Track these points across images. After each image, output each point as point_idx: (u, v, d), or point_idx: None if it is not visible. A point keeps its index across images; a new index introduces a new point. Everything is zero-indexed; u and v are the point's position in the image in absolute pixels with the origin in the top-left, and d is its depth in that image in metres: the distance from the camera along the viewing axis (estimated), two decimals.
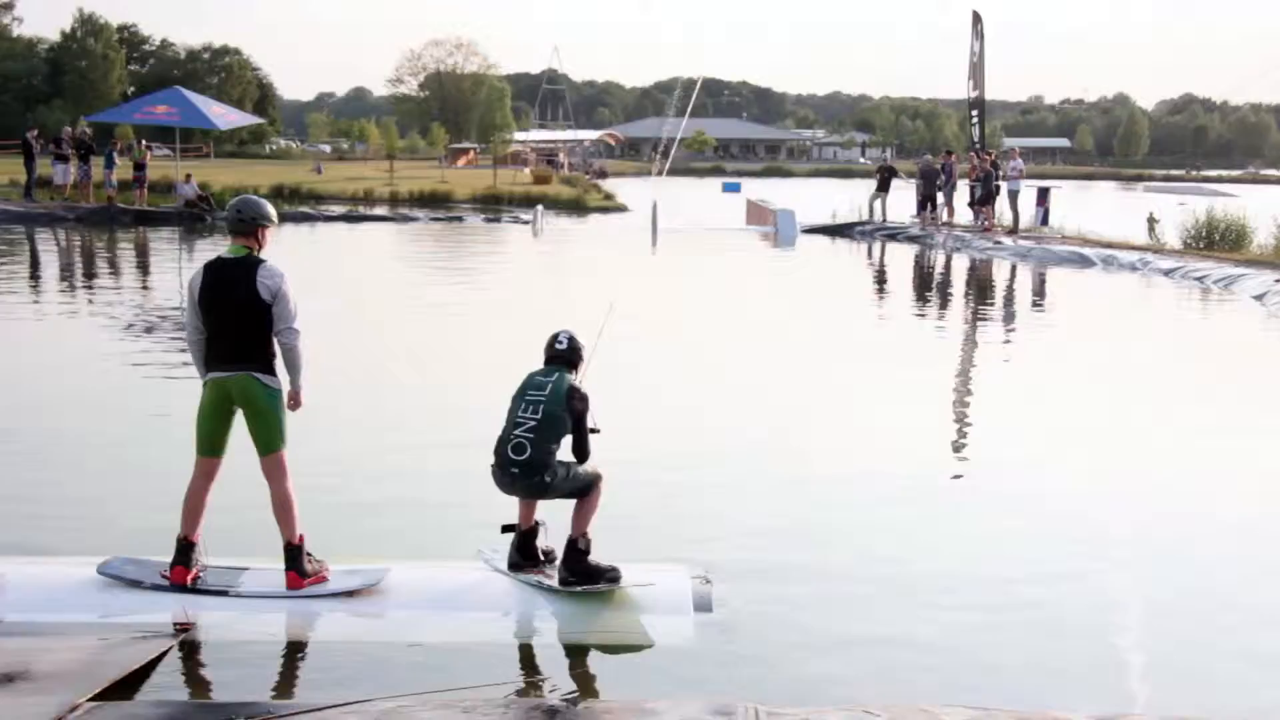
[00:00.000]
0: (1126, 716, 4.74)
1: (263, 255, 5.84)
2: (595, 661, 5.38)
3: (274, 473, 5.84)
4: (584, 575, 5.89)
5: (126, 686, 4.86)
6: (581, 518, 5.98)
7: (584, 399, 5.93)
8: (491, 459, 5.93)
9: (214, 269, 5.80)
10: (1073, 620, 5.98)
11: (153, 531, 6.37)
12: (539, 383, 5.99)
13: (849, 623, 5.88)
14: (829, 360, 13.43)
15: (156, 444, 8.85)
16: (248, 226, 5.83)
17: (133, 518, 7.18)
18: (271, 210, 5.97)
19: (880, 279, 24.04)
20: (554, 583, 5.93)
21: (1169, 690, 5.26)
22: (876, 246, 29.48)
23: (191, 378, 5.98)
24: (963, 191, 31.42)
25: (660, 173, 45.29)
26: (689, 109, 49.35)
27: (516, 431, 5.85)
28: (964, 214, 31.11)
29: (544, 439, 5.81)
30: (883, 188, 32.37)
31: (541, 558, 6.14)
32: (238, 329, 5.72)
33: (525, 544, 6.11)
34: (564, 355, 6.10)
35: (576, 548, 5.91)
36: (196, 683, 5.18)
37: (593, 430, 5.97)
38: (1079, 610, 6.11)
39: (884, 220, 31.91)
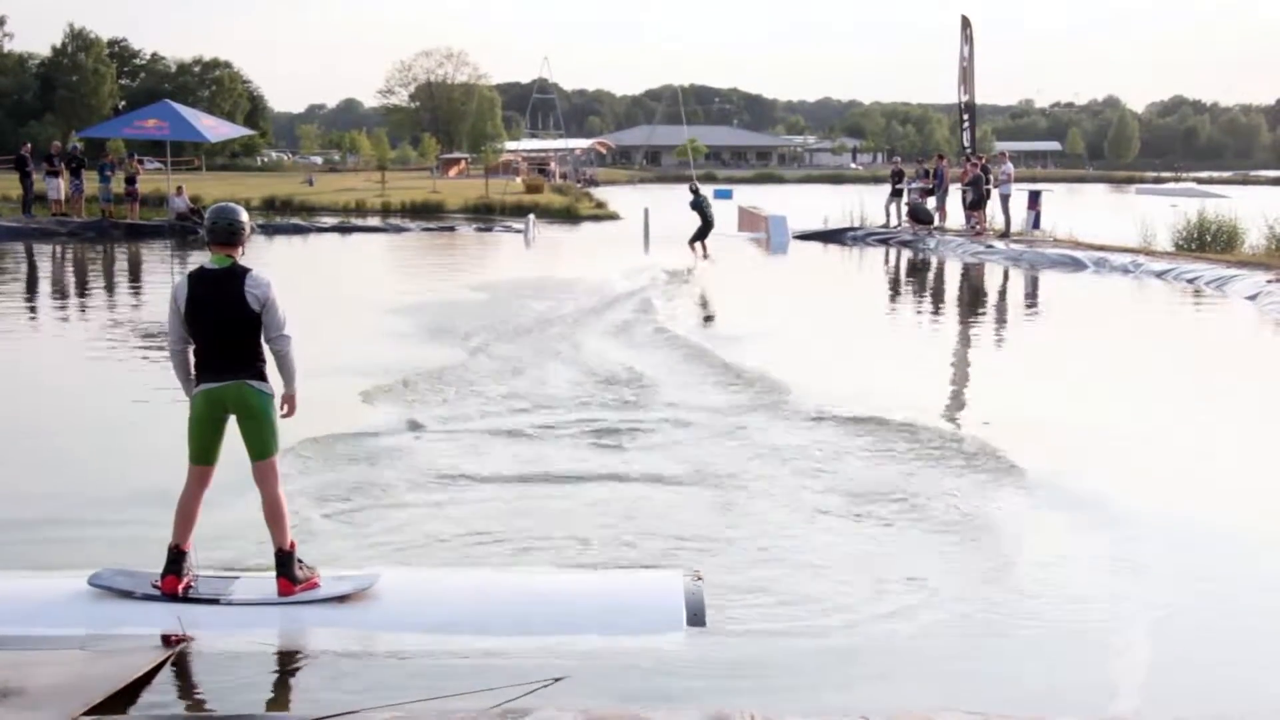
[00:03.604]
0: None
1: (246, 264, 5.83)
2: (589, 668, 5.34)
3: (266, 478, 5.83)
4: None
5: (121, 699, 4.83)
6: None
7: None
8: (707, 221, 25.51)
9: (199, 280, 5.77)
10: (1071, 623, 5.97)
11: (143, 541, 6.36)
12: (706, 198, 25.96)
13: (845, 627, 5.86)
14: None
15: (147, 453, 8.84)
16: (226, 235, 5.80)
17: (123, 527, 7.16)
18: (245, 215, 5.95)
19: (894, 285, 24.06)
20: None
21: (1166, 692, 5.26)
22: (869, 252, 29.51)
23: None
24: (954, 195, 31.47)
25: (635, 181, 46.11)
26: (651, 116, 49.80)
27: (712, 215, 25.90)
28: (956, 218, 31.12)
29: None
30: (898, 193, 32.44)
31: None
32: (228, 339, 5.71)
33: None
34: (699, 189, 26.07)
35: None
36: (190, 694, 5.15)
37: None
38: (1077, 612, 6.10)
39: (896, 224, 31.94)
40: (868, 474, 8.56)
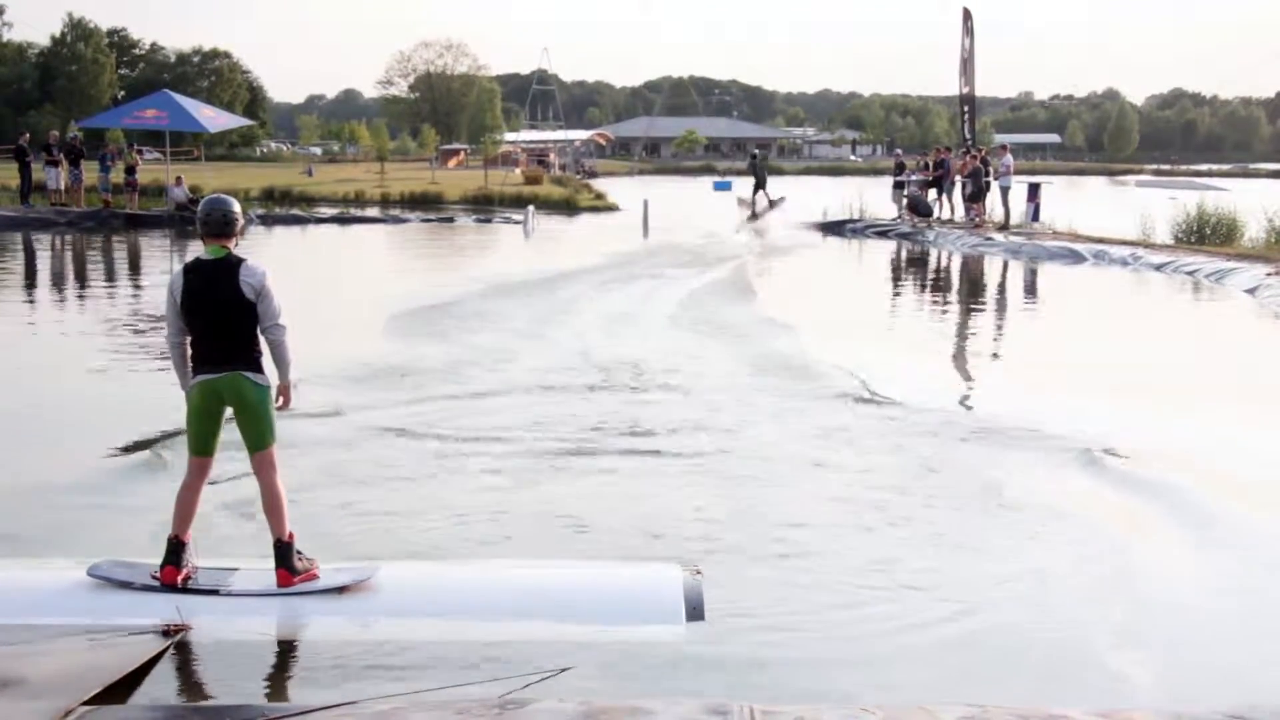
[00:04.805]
0: (1125, 712, 4.71)
1: (241, 254, 5.82)
2: (588, 659, 5.34)
3: (264, 469, 5.83)
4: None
5: (119, 690, 4.83)
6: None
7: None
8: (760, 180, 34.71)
9: (195, 271, 5.76)
10: (1070, 615, 5.97)
11: (142, 532, 6.36)
12: (760, 166, 36.60)
13: (845, 619, 5.87)
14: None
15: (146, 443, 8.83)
16: (219, 227, 5.79)
17: (122, 518, 7.16)
18: (238, 206, 5.95)
19: (896, 275, 24.10)
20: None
21: (1167, 683, 5.26)
22: (870, 244, 29.49)
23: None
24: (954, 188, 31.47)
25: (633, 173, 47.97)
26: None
27: (765, 175, 35.59)
28: (957, 210, 31.12)
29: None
30: (900, 185, 32.45)
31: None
32: (224, 329, 5.71)
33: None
34: (755, 155, 37.72)
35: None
36: (189, 685, 5.15)
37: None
38: (1076, 604, 6.10)
39: (897, 216, 31.96)
40: (880, 463, 8.60)
